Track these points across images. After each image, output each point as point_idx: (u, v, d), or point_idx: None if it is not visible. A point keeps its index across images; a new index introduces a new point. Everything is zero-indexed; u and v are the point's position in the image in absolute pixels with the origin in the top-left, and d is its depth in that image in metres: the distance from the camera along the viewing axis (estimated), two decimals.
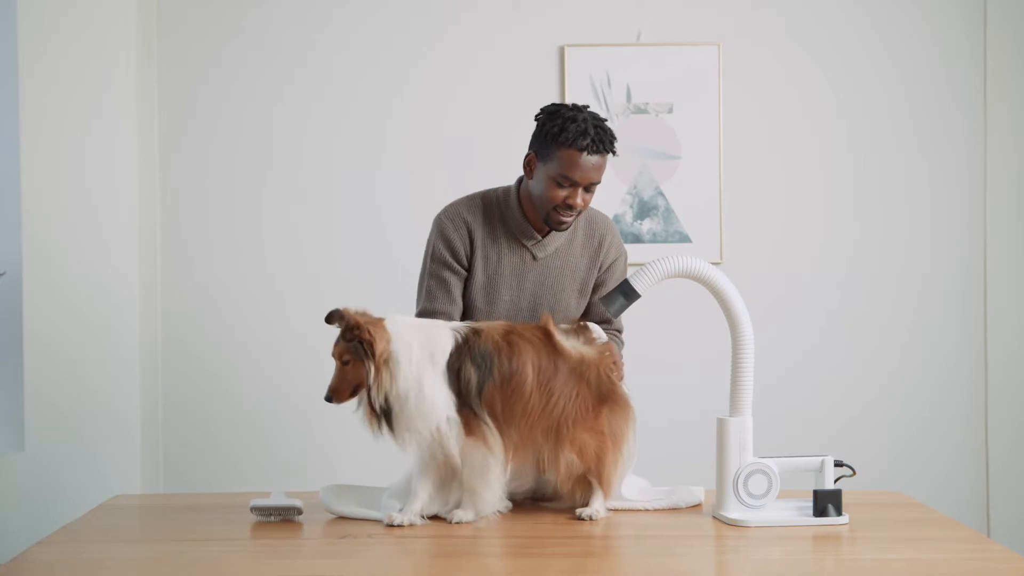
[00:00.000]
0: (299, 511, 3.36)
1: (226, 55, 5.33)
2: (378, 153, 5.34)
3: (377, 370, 3.18)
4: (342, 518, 3.36)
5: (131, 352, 5.17)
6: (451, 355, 3.24)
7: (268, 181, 5.34)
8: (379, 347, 3.18)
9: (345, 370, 3.22)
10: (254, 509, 3.36)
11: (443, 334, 3.27)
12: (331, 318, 3.24)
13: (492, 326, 3.34)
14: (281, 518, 3.36)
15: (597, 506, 3.34)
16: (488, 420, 3.22)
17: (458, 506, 3.30)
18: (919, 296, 5.41)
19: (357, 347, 3.19)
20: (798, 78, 5.40)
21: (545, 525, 3.27)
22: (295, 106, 5.34)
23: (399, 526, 3.21)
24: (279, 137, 5.34)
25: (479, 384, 3.23)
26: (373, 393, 3.18)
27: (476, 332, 3.29)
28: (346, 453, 5.03)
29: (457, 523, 3.23)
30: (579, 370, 3.32)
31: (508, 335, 3.30)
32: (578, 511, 3.33)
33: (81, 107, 4.66)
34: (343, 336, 3.22)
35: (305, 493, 3.68)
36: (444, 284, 3.68)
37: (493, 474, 3.24)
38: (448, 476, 3.31)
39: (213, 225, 5.32)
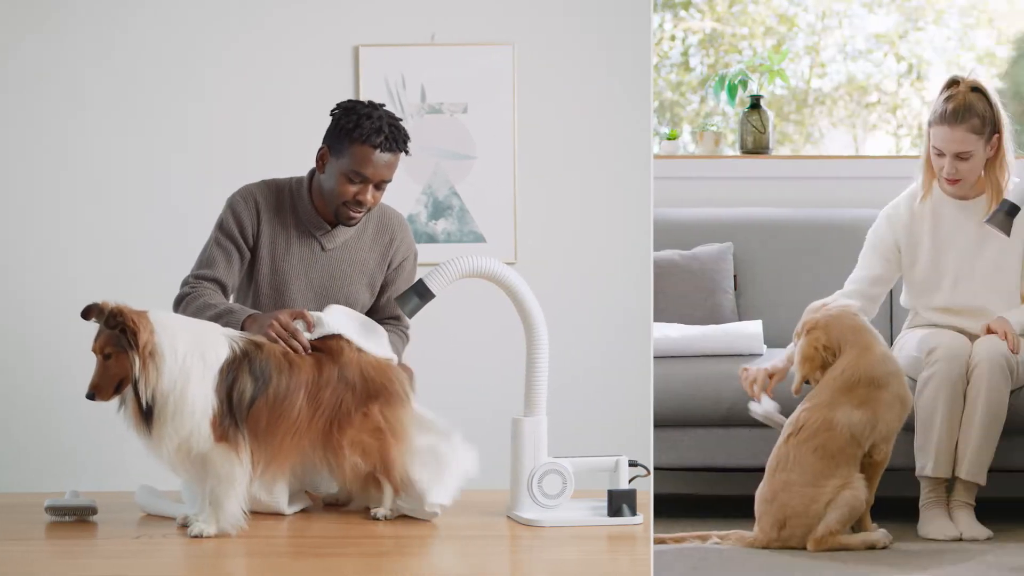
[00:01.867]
0: (94, 511, 3.33)
1: None
2: (177, 155, 5.17)
3: (143, 362, 3.05)
4: (144, 517, 3.35)
5: None
6: (226, 362, 3.15)
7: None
8: (143, 336, 3.05)
9: (108, 364, 3.08)
10: (49, 509, 3.32)
11: (217, 338, 3.19)
12: (88, 312, 3.11)
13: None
14: (76, 518, 3.33)
15: (390, 505, 3.33)
16: (245, 432, 3.15)
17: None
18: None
19: (120, 337, 3.05)
20: (593, 78, 5.41)
21: (339, 525, 3.28)
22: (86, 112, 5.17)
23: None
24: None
25: (252, 398, 3.16)
26: (140, 388, 3.06)
27: (257, 346, 3.23)
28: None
29: (196, 536, 3.12)
30: (345, 374, 3.29)
31: (288, 353, 3.26)
32: (372, 511, 3.33)
33: None
34: (106, 324, 3.08)
35: (101, 493, 3.57)
36: (227, 255, 3.63)
37: (239, 484, 3.15)
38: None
39: None
